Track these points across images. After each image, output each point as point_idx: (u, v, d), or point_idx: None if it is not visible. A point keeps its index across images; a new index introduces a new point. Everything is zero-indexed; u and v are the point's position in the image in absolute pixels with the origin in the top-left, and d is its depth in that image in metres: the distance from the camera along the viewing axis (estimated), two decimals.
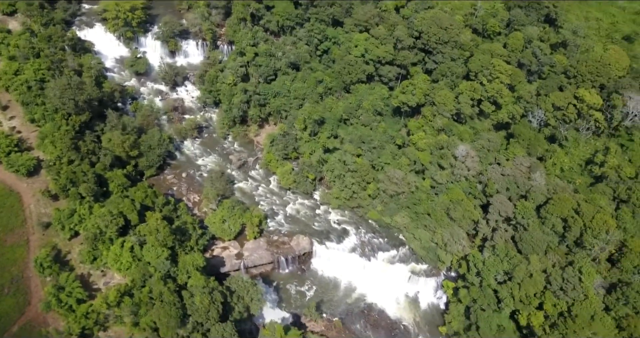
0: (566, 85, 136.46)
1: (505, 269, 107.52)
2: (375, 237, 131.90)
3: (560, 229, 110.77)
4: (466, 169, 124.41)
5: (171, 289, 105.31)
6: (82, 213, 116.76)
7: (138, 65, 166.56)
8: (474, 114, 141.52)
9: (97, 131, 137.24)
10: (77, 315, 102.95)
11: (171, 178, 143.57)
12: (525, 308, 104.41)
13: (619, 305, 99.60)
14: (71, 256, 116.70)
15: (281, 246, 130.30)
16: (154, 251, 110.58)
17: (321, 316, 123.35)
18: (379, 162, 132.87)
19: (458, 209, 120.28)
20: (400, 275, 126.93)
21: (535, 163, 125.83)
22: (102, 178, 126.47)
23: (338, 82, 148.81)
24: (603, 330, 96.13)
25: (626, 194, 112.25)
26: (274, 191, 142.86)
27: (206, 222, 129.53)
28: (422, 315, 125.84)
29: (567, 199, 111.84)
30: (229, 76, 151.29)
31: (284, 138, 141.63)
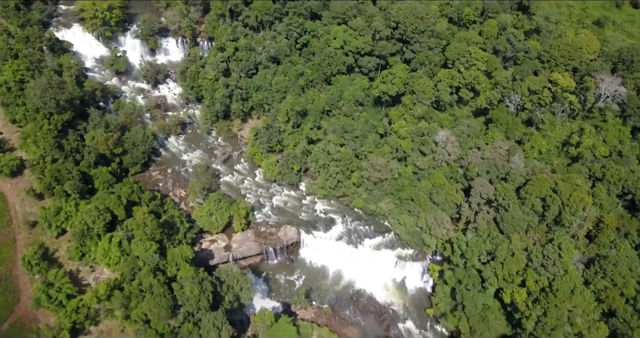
0: (540, 69, 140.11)
1: (488, 249, 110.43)
2: (361, 225, 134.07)
3: (540, 208, 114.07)
4: (447, 154, 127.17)
5: (161, 281, 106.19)
6: (69, 211, 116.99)
7: (118, 64, 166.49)
8: (453, 101, 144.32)
9: (79, 130, 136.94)
10: (67, 310, 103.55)
11: (156, 174, 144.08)
12: (508, 286, 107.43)
13: (598, 279, 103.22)
14: (59, 254, 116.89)
15: (269, 237, 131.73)
16: (142, 245, 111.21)
17: (311, 304, 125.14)
18: (361, 151, 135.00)
19: (440, 193, 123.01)
20: (386, 260, 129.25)
21: (514, 146, 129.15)
22: (87, 176, 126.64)
23: (319, 75, 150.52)
24: (583, 303, 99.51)
25: (601, 172, 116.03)
26: (260, 184, 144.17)
27: (193, 216, 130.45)
28: (410, 298, 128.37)
29: (545, 180, 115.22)
30: (210, 72, 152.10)
31: (267, 131, 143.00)
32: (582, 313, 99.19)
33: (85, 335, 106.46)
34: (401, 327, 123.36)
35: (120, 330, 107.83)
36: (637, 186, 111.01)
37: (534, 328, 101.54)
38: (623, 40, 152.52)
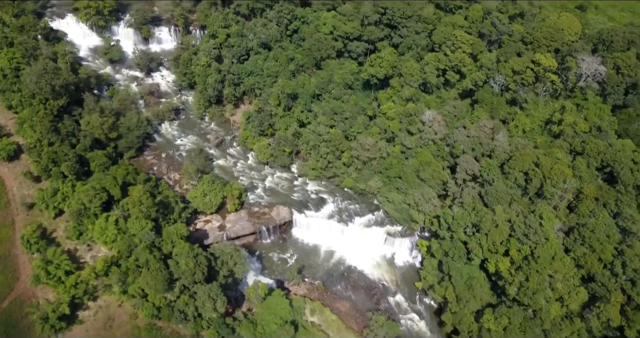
0: (524, 51, 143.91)
1: (473, 222, 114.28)
2: (352, 203, 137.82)
3: (522, 182, 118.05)
4: (433, 133, 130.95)
5: (157, 257, 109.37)
6: (66, 191, 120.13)
7: (112, 52, 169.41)
8: (439, 83, 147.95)
9: (75, 115, 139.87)
10: (66, 286, 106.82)
11: (151, 158, 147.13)
12: (492, 257, 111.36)
13: (577, 245, 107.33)
14: (57, 234, 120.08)
15: (262, 216, 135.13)
16: (138, 224, 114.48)
17: (303, 280, 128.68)
18: (351, 132, 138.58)
19: (427, 170, 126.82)
20: (376, 237, 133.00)
21: (498, 125, 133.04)
22: (83, 159, 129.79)
23: (309, 59, 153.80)
24: (563, 269, 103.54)
25: (581, 146, 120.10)
26: (252, 166, 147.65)
27: (188, 197, 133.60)
28: (399, 273, 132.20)
29: (527, 154, 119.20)
30: (202, 58, 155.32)
31: (259, 115, 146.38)
32: (563, 278, 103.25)
33: (84, 310, 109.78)
34: (391, 300, 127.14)
35: (118, 305, 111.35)
36: (615, 159, 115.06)
37: (516, 293, 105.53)
38: (604, 23, 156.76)
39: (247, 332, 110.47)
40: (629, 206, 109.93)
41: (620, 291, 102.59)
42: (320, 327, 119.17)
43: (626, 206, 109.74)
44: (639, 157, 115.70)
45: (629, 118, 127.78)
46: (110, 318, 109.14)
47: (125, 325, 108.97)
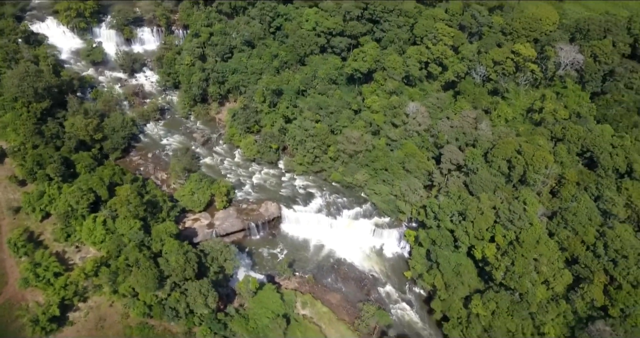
0: (504, 42, 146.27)
1: (459, 210, 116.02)
2: (339, 197, 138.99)
3: (506, 169, 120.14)
4: (417, 124, 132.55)
5: (146, 256, 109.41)
6: (52, 194, 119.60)
7: (94, 54, 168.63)
8: (422, 76, 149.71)
9: (59, 118, 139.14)
10: (55, 288, 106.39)
11: (137, 159, 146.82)
12: (479, 243, 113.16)
13: (560, 229, 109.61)
14: (44, 237, 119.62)
15: (250, 213, 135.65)
16: (127, 223, 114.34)
17: (294, 274, 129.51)
18: (337, 126, 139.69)
19: (412, 161, 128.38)
20: (365, 229, 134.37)
21: (481, 114, 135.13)
22: (69, 161, 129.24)
23: (293, 56, 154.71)
24: (548, 252, 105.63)
25: (561, 133, 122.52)
26: (240, 164, 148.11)
27: (175, 196, 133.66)
28: (388, 264, 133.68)
29: (510, 142, 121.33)
30: (186, 57, 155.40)
31: (244, 112, 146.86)
32: (547, 261, 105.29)
33: (74, 312, 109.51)
34: (381, 290, 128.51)
35: (109, 305, 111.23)
36: (594, 144, 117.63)
37: (503, 278, 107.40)
38: (581, 13, 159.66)
39: (239, 326, 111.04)
40: (609, 189, 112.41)
41: (603, 272, 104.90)
42: (312, 319, 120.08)
43: (606, 189, 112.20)
44: (618, 141, 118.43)
45: (607, 104, 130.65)
46: (102, 318, 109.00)
47: (116, 324, 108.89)
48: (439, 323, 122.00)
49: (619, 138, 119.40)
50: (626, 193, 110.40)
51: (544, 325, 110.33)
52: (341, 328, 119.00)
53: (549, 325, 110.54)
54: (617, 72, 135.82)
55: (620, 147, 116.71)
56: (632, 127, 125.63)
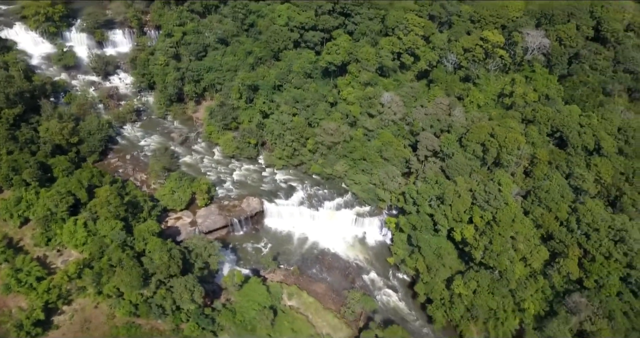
0: (472, 30, 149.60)
1: (437, 194, 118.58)
2: (320, 189, 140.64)
3: (480, 153, 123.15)
4: (393, 113, 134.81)
5: (130, 255, 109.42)
6: (29, 199, 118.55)
7: (66, 58, 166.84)
8: (396, 67, 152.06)
9: (32, 123, 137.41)
10: (38, 292, 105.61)
11: (115, 161, 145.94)
12: (458, 225, 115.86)
13: (534, 207, 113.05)
14: (24, 242, 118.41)
15: (232, 209, 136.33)
16: (108, 224, 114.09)
17: (279, 266, 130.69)
18: (314, 119, 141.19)
19: (389, 149, 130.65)
20: (346, 219, 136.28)
21: (454, 101, 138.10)
22: (45, 165, 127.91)
23: (267, 51, 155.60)
24: (524, 230, 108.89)
25: (532, 115, 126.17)
26: (219, 161, 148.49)
27: (156, 196, 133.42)
28: (371, 252, 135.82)
29: (483, 126, 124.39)
30: (160, 57, 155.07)
31: (221, 109, 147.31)
32: (524, 239, 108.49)
33: (59, 315, 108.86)
34: (366, 278, 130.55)
35: (94, 307, 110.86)
36: (563, 124, 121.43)
37: (482, 257, 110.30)
38: None
39: (227, 320, 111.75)
40: (579, 166, 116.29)
41: (576, 245, 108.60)
42: (299, 309, 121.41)
43: (576, 167, 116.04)
44: (585, 120, 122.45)
45: (574, 85, 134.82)
46: (87, 320, 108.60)
47: (102, 325, 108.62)
48: (423, 306, 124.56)
49: (586, 117, 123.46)
50: (595, 169, 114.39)
51: (524, 301, 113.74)
52: (328, 317, 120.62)
53: (528, 301, 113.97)
54: (581, 54, 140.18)
55: (588, 126, 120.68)
56: (598, 106, 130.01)
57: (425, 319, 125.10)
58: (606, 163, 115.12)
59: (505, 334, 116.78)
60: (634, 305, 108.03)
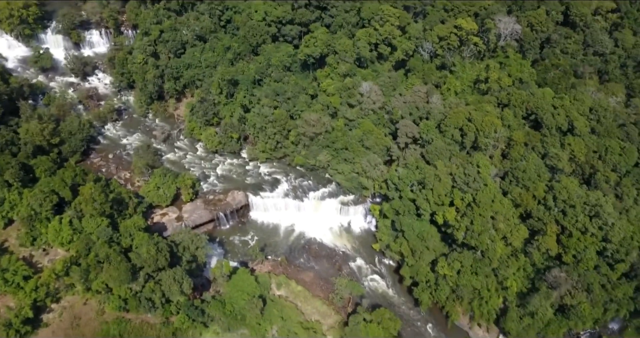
0: (446, 18, 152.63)
1: (418, 179, 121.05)
2: (304, 180, 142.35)
3: (459, 137, 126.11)
4: (372, 102, 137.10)
5: (117, 251, 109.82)
6: (13, 199, 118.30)
7: (42, 60, 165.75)
8: (373, 57, 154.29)
9: (12, 125, 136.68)
10: (26, 291, 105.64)
11: (98, 160, 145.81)
12: (440, 209, 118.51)
13: (512, 187, 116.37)
14: (9, 243, 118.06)
15: (218, 203, 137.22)
16: (94, 222, 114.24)
17: (266, 257, 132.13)
18: (295, 111, 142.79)
19: (370, 138, 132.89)
20: (331, 208, 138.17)
21: (431, 88, 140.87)
22: (27, 166, 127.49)
23: (245, 46, 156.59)
24: (503, 209, 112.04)
25: (507, 98, 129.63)
26: (202, 157, 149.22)
27: (141, 192, 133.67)
28: (357, 239, 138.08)
29: (460, 112, 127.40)
30: (138, 56, 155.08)
31: (202, 105, 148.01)
32: (504, 218, 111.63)
33: (47, 313, 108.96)
34: (352, 265, 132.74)
35: (83, 303, 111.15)
36: (537, 106, 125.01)
37: (464, 237, 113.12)
38: None
39: (217, 311, 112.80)
40: (554, 146, 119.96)
41: (554, 222, 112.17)
42: (288, 298, 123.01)
43: (551, 147, 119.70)
44: (558, 102, 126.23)
45: (546, 69, 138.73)
46: (77, 317, 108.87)
47: (92, 321, 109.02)
48: (409, 290, 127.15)
49: (559, 99, 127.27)
50: (569, 148, 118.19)
51: (507, 280, 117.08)
52: (317, 304, 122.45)
53: (510, 279, 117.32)
54: (552, 39, 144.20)
55: (561, 107, 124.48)
56: (570, 88, 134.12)
57: (412, 302, 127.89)
58: (579, 142, 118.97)
59: (489, 313, 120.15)
60: (611, 277, 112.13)
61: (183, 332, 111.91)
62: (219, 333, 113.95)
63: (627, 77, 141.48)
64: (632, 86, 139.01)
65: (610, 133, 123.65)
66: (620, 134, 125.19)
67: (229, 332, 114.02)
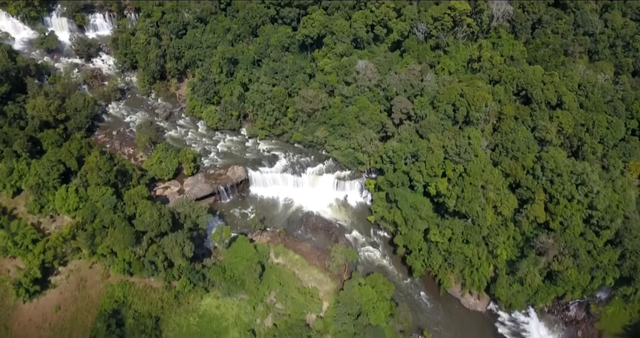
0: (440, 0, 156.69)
1: (411, 151, 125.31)
2: (302, 156, 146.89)
3: (451, 112, 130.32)
4: (367, 79, 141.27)
5: (121, 217, 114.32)
6: (21, 169, 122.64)
7: (48, 41, 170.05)
8: (370, 39, 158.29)
9: (19, 101, 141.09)
10: (34, 253, 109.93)
11: (102, 137, 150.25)
12: (432, 180, 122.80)
13: (502, 157, 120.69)
14: (18, 211, 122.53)
15: (218, 177, 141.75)
16: (99, 191, 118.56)
17: (265, 229, 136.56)
18: (293, 89, 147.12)
19: (366, 114, 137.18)
20: (328, 183, 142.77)
21: (425, 67, 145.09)
22: (35, 139, 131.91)
23: (245, 28, 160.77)
24: (493, 179, 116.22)
25: (498, 75, 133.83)
26: (203, 134, 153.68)
27: (144, 166, 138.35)
28: (353, 213, 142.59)
29: (453, 87, 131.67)
30: (141, 36, 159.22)
31: (203, 83, 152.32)
32: (494, 188, 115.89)
33: (55, 276, 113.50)
34: (348, 236, 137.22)
35: (89, 267, 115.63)
36: (527, 82, 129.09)
37: (455, 205, 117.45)
38: None
39: (217, 276, 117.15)
40: (543, 119, 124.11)
41: (542, 191, 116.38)
42: (286, 266, 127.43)
43: (540, 120, 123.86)
44: (548, 78, 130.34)
45: (536, 47, 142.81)
46: (83, 279, 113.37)
47: (98, 284, 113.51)
48: (403, 260, 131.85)
49: (549, 75, 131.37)
50: (557, 121, 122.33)
51: (497, 248, 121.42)
52: (314, 272, 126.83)
53: (501, 248, 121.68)
54: (544, 20, 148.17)
55: (550, 83, 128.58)
56: (559, 65, 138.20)
57: (406, 272, 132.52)
58: (567, 115, 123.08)
59: (480, 281, 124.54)
60: (597, 243, 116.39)
61: (184, 295, 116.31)
62: (219, 298, 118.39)
63: (617, 57, 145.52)
64: (621, 65, 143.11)
65: (598, 108, 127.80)
66: (607, 109, 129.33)
67: (229, 296, 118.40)
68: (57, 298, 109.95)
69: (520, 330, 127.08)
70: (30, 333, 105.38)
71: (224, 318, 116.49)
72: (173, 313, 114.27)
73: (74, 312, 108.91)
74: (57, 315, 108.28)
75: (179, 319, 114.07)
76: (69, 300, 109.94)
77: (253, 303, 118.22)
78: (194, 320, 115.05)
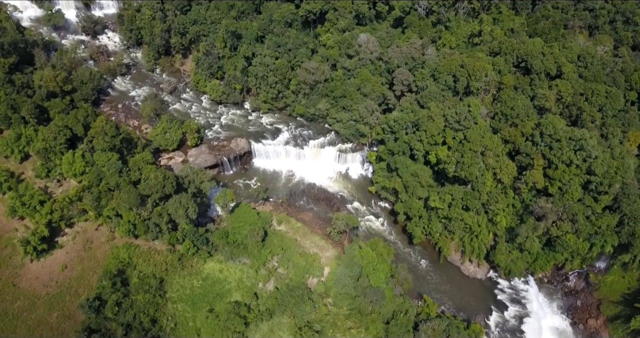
0: None
1: (412, 120, 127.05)
2: (305, 130, 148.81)
3: (452, 83, 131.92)
4: (369, 52, 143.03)
5: (126, 180, 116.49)
6: (29, 135, 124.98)
7: (55, 19, 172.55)
8: (372, 16, 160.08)
9: (27, 73, 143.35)
10: (42, 213, 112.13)
11: (108, 109, 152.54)
12: (432, 148, 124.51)
13: (502, 124, 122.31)
14: (25, 175, 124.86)
15: (222, 148, 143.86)
16: (105, 156, 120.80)
17: (269, 199, 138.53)
18: (295, 62, 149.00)
19: (367, 85, 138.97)
20: (330, 156, 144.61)
21: (427, 41, 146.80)
22: (42, 108, 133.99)
23: (249, 5, 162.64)
24: (492, 145, 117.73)
25: (498, 47, 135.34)
26: (207, 107, 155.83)
27: (149, 136, 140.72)
28: (355, 184, 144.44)
29: (454, 59, 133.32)
30: (146, 12, 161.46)
31: (207, 58, 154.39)
32: (493, 154, 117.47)
33: (62, 236, 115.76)
34: (350, 207, 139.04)
35: (95, 229, 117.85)
36: (527, 53, 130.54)
37: (454, 170, 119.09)
38: None
39: (220, 240, 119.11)
40: (542, 88, 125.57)
41: (541, 156, 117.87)
42: (288, 233, 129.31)
43: (539, 88, 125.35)
44: (547, 50, 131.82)
45: (536, 19, 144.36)
46: (89, 240, 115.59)
47: (103, 245, 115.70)
48: (404, 229, 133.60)
49: (549, 47, 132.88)
50: (556, 89, 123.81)
51: (496, 216, 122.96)
52: (315, 239, 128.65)
53: (500, 215, 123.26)
54: None
55: (550, 54, 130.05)
56: (559, 38, 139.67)
57: (406, 241, 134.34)
58: (566, 84, 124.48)
59: (480, 248, 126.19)
60: (595, 209, 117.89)
61: (188, 258, 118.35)
62: (222, 262, 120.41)
63: (616, 32, 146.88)
64: (620, 39, 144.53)
65: (597, 78, 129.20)
66: (607, 80, 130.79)
67: (232, 260, 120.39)
68: (64, 258, 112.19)
69: (520, 298, 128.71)
70: (37, 290, 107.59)
71: (227, 281, 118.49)
72: (177, 275, 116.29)
73: (80, 271, 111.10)
74: (63, 273, 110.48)
75: (183, 281, 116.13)
76: (75, 260, 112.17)
77: (255, 267, 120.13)
78: (198, 282, 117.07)
